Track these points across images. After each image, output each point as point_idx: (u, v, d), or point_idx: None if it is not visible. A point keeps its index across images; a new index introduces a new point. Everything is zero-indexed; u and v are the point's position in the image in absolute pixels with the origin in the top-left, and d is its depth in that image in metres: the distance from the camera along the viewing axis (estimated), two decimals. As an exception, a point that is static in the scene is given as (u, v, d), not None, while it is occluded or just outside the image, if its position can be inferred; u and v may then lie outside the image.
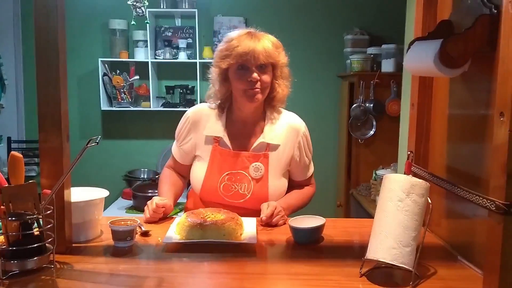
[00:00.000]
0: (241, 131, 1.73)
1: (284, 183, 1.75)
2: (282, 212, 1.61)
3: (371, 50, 3.56)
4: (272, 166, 1.69)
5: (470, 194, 1.19)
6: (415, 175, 1.42)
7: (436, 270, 1.23)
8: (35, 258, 1.17)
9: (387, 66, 3.36)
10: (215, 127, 1.72)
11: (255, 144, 1.70)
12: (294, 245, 1.43)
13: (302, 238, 1.44)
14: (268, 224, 1.57)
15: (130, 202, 3.63)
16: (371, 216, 2.98)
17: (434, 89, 1.57)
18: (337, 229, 1.57)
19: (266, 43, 1.61)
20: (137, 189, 3.50)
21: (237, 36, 1.62)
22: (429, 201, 1.18)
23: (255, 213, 1.64)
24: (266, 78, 1.63)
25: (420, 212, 1.15)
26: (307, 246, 1.42)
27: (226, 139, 1.70)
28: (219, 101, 1.73)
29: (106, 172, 4.05)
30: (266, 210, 1.58)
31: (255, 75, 1.59)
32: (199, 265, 1.27)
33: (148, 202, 1.63)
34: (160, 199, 1.63)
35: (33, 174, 3.81)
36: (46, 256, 1.20)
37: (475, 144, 1.31)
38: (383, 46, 3.44)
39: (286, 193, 1.79)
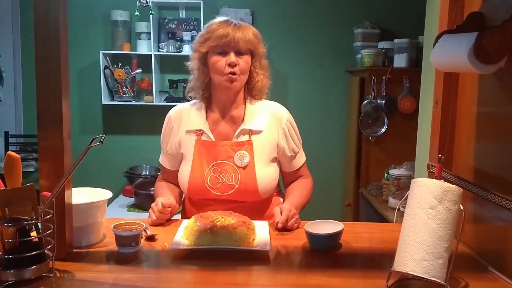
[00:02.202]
0: (222, 121, 1.69)
1: (273, 171, 1.68)
2: (296, 215, 1.54)
3: (383, 45, 3.45)
4: (257, 152, 1.64)
5: (507, 201, 1.10)
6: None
7: (467, 282, 1.14)
8: (33, 266, 1.08)
9: (400, 61, 3.26)
10: (196, 121, 1.69)
11: (237, 132, 1.66)
12: (311, 252, 1.34)
13: (319, 244, 1.35)
14: (283, 228, 1.49)
15: (131, 200, 3.53)
16: (382, 217, 2.89)
17: (460, 86, 1.48)
18: (354, 234, 1.48)
19: (245, 30, 1.63)
20: (139, 186, 3.41)
21: (218, 22, 1.64)
22: (462, 208, 1.08)
23: (245, 206, 1.60)
24: (244, 63, 1.62)
25: (453, 221, 1.06)
26: (324, 254, 1.33)
27: (208, 131, 1.67)
28: (200, 93, 1.70)
29: (107, 168, 3.94)
30: (280, 215, 1.50)
31: (233, 58, 1.59)
32: (210, 275, 1.18)
33: (152, 204, 1.57)
34: (164, 199, 1.57)
35: (31, 169, 3.72)
36: (45, 264, 1.11)
37: (507, 145, 1.22)
38: (395, 40, 3.33)
39: (286, 192, 1.75)
